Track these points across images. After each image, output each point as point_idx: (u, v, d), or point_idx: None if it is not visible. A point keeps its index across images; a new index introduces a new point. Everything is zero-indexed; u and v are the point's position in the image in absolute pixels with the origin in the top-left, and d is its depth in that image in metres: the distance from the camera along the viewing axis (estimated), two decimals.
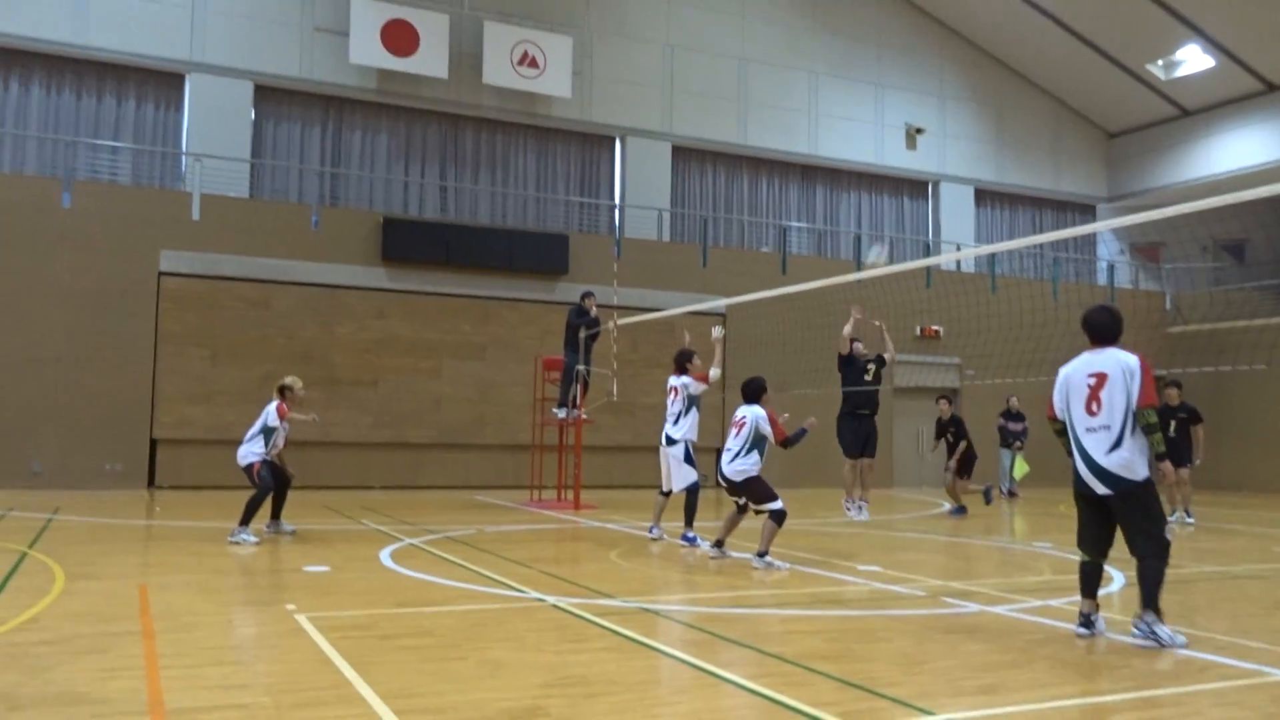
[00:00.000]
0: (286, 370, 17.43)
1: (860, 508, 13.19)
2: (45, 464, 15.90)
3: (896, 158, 24.51)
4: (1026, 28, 24.06)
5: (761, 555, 8.68)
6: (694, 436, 10.58)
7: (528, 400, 17.02)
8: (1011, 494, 18.89)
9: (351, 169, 19.87)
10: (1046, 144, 26.40)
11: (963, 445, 14.98)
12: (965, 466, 15.05)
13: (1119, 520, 5.92)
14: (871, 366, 13.49)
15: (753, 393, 9.18)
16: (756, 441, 8.96)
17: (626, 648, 5.49)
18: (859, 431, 13.32)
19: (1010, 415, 18.88)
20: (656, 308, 17.07)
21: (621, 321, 14.99)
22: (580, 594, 7.11)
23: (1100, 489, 5.86)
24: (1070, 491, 6.16)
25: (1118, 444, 5.78)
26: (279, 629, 5.76)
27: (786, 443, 9.13)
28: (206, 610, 6.33)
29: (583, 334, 14.29)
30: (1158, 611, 5.72)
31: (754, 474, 8.93)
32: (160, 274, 16.88)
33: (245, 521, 9.63)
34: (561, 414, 14.47)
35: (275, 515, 10.42)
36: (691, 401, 10.59)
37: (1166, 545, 5.80)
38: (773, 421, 9.06)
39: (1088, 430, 5.93)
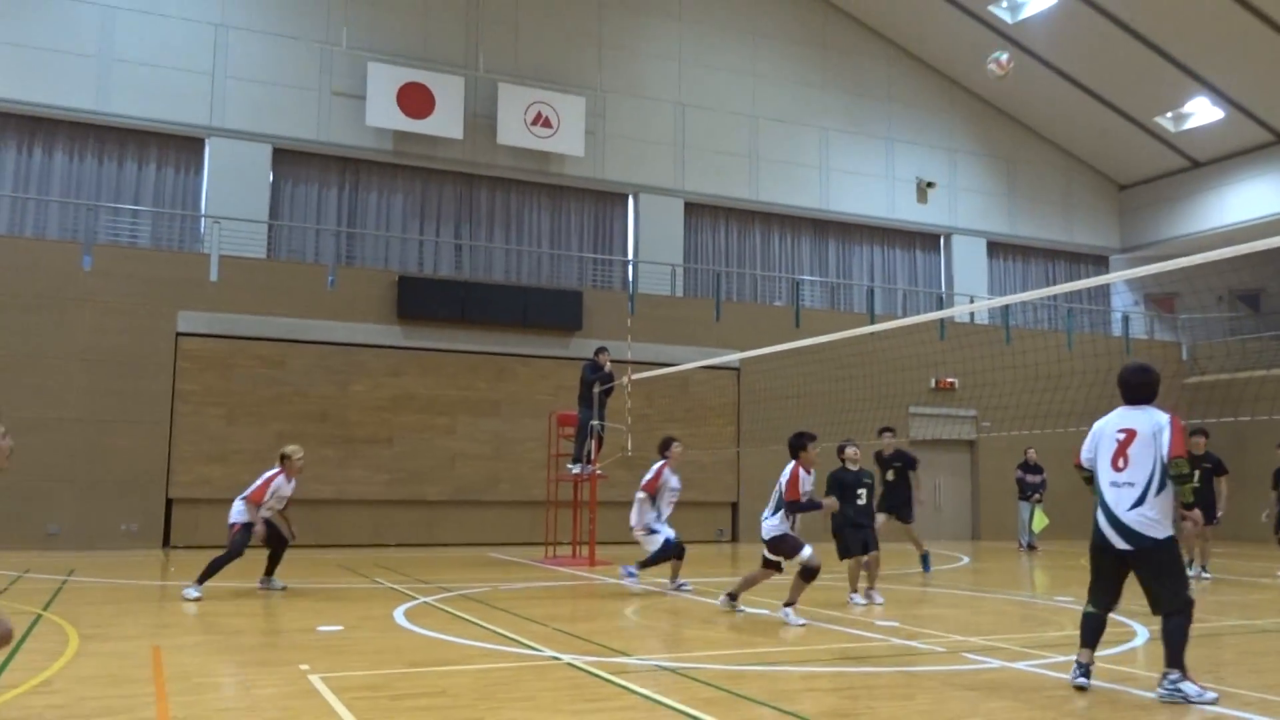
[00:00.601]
0: (302, 429, 17.55)
1: (870, 595, 10.74)
2: (62, 525, 15.92)
3: (908, 211, 24.64)
4: (1034, 82, 24.29)
5: (788, 605, 8.61)
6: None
7: (542, 456, 16.99)
8: (1031, 547, 18.68)
9: (368, 229, 20.09)
10: (1058, 196, 26.51)
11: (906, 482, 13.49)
12: (908, 509, 13.60)
13: (1141, 578, 5.86)
14: (869, 480, 11.20)
15: (790, 448, 9.02)
16: (782, 499, 8.91)
17: (644, 707, 5.42)
18: (857, 536, 10.83)
19: (1028, 468, 18.74)
20: (670, 363, 17.11)
21: (635, 377, 15.02)
22: (597, 652, 7.03)
23: (1120, 544, 5.82)
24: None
25: (1140, 501, 5.77)
26: (292, 690, 5.71)
27: (791, 506, 8.86)
28: (220, 671, 6.29)
29: (597, 389, 14.30)
30: (1183, 669, 5.62)
31: (779, 533, 8.86)
32: (178, 334, 17.03)
33: (202, 579, 9.79)
34: (576, 469, 14.44)
35: (269, 572, 10.60)
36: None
37: (1190, 603, 5.74)
38: (792, 479, 8.87)
39: (1112, 484, 5.91)
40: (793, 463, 8.95)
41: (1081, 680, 5.89)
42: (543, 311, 19.26)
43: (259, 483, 10.55)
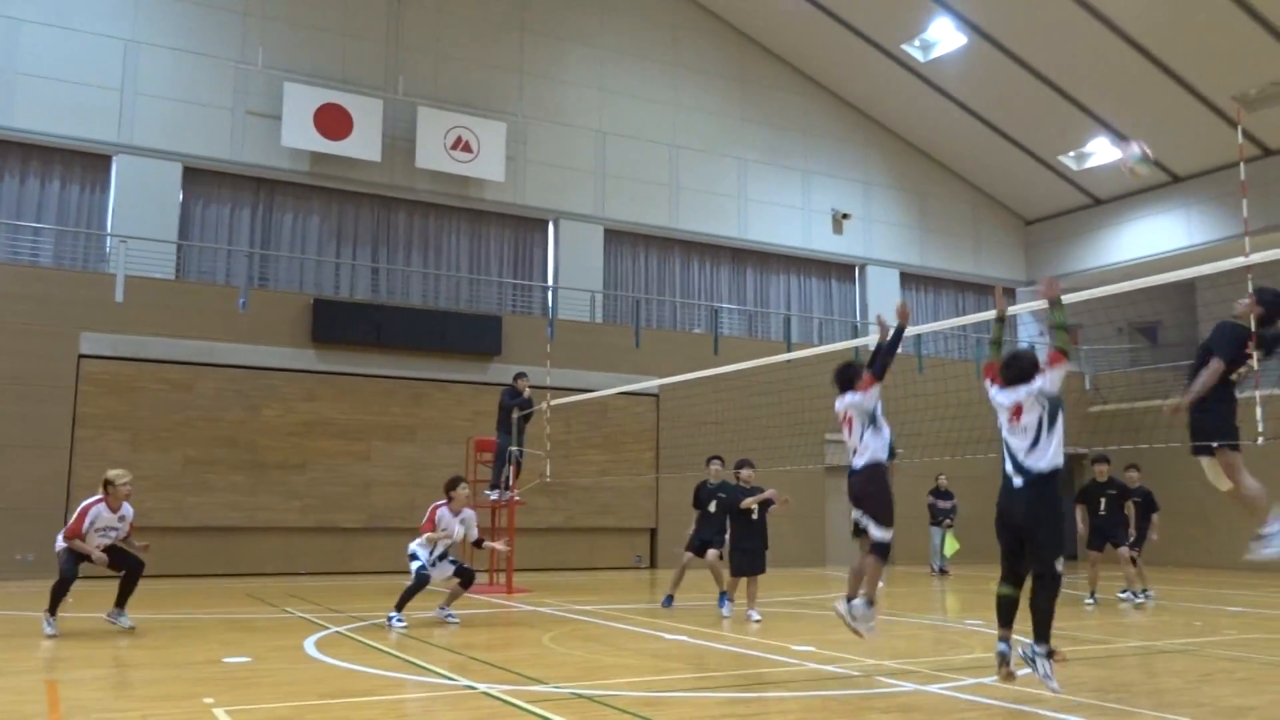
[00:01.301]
0: (210, 454, 17.09)
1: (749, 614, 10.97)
2: None
3: (824, 242, 25.10)
4: (946, 120, 25.04)
5: (867, 602, 7.24)
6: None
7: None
8: (942, 571, 19.05)
9: (282, 250, 19.72)
10: (967, 229, 27.29)
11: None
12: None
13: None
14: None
15: (850, 379, 7.64)
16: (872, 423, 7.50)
17: None
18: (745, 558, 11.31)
19: (939, 494, 19.15)
20: (589, 388, 17.11)
21: (554, 402, 14.98)
22: (512, 680, 6.95)
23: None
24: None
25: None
26: None
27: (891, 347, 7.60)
28: (119, 706, 6.06)
29: (515, 415, 14.23)
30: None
31: (881, 459, 7.45)
32: (80, 356, 16.46)
33: (50, 609, 9.14)
34: (494, 496, 14.32)
35: (118, 603, 9.57)
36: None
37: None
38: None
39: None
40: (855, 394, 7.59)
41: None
42: (461, 336, 19.10)
43: (75, 515, 9.50)
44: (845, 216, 25.22)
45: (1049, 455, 6.19)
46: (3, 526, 15.52)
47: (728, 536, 11.69)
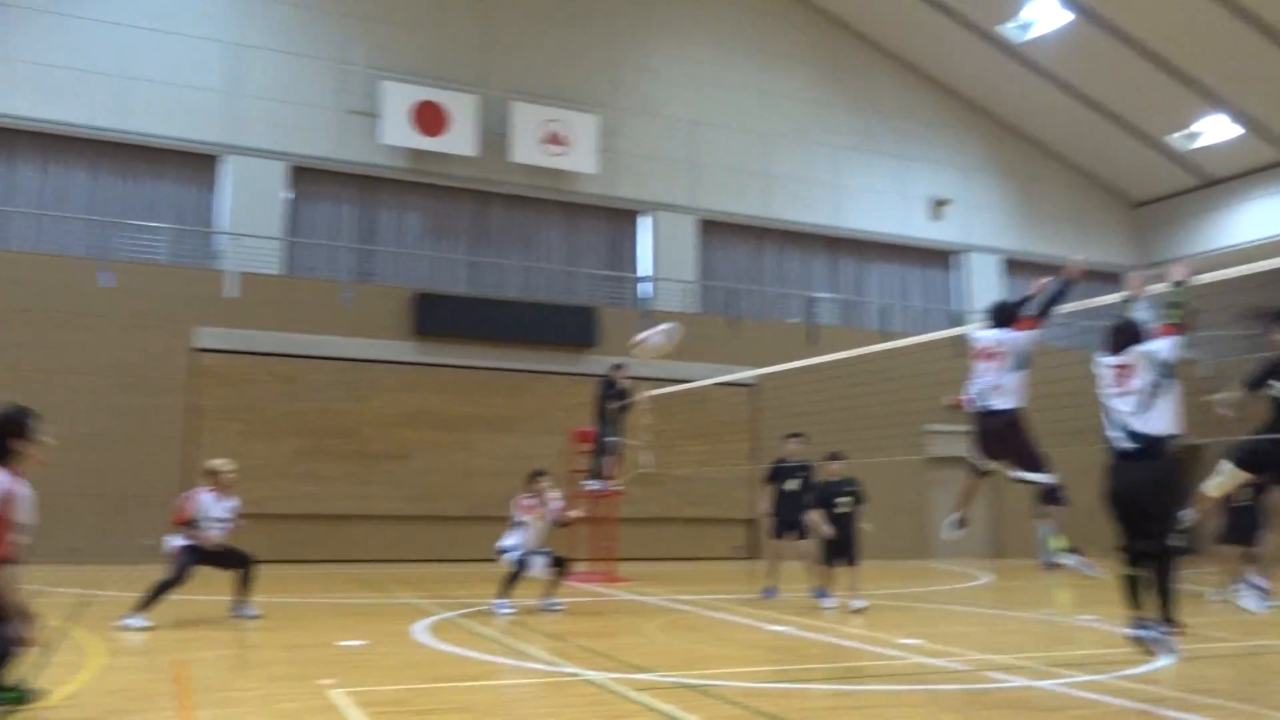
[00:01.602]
0: (320, 445, 17.62)
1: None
2: (84, 540, 15.96)
3: (921, 229, 24.65)
4: (1046, 101, 24.31)
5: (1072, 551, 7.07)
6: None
7: (560, 473, 16.97)
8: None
9: (383, 246, 20.19)
10: (1071, 214, 26.48)
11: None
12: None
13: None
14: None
15: (1008, 316, 7.40)
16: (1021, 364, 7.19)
17: None
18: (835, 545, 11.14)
19: None
20: (685, 379, 17.10)
21: (651, 393, 15.03)
22: (618, 668, 7.01)
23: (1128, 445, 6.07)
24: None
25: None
26: (314, 704, 5.71)
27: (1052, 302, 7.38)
28: (242, 686, 6.30)
29: (613, 406, 14.31)
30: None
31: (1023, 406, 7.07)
32: (195, 350, 17.12)
33: (143, 606, 8.76)
34: (594, 486, 14.44)
35: (241, 595, 9.59)
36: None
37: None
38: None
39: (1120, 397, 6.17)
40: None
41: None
42: (557, 328, 19.31)
43: (181, 503, 9.59)
44: (943, 203, 24.73)
45: (1162, 420, 5.96)
46: (126, 513, 16.25)
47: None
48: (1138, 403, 6.00)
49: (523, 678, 6.73)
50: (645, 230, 22.23)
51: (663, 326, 12.61)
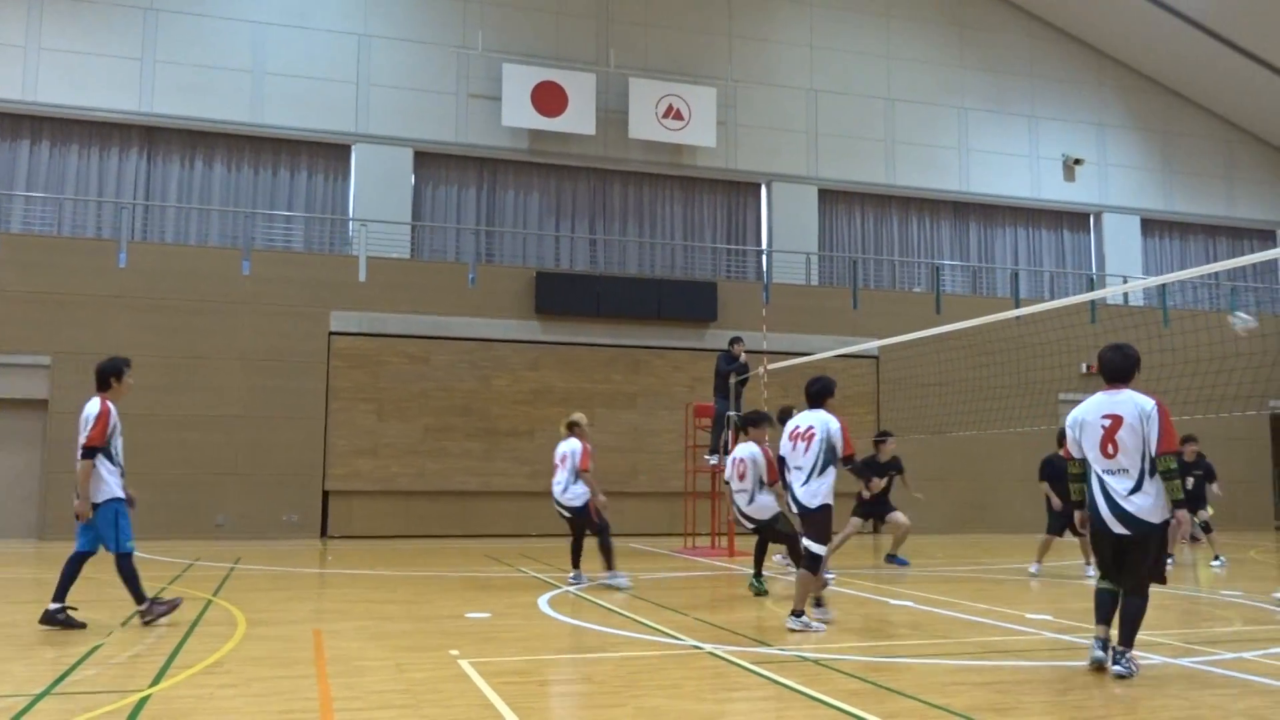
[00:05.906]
0: (448, 423, 18.10)
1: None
2: (228, 516, 16.86)
3: (1054, 190, 23.71)
4: (1188, 48, 22.99)
5: (797, 615, 7.49)
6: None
7: (679, 448, 17.06)
8: (1194, 539, 17.74)
9: (505, 227, 20.56)
10: (1218, 168, 25.05)
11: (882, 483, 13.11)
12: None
13: (1127, 556, 5.91)
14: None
15: (819, 394, 7.73)
16: (829, 458, 7.55)
17: (786, 697, 5.39)
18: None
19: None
20: (806, 352, 16.91)
21: (771, 366, 14.92)
22: (738, 641, 7.03)
23: (1118, 529, 5.86)
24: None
25: (1137, 487, 5.80)
26: (444, 674, 5.90)
27: (850, 461, 7.67)
28: (376, 655, 6.55)
29: (733, 380, 14.27)
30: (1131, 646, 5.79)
31: (829, 501, 7.57)
32: (330, 334, 17.79)
33: (611, 564, 10.07)
34: (714, 460, 14.44)
35: (575, 564, 10.55)
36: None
37: (1151, 584, 5.89)
38: (845, 432, 7.58)
39: (1106, 472, 5.94)
40: (827, 414, 7.70)
41: (1099, 654, 5.93)
42: (677, 304, 19.33)
43: (579, 453, 10.64)
44: (1078, 162, 23.71)
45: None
46: (270, 491, 17.06)
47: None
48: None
49: (643, 650, 6.81)
50: (764, 202, 22.02)
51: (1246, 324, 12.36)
